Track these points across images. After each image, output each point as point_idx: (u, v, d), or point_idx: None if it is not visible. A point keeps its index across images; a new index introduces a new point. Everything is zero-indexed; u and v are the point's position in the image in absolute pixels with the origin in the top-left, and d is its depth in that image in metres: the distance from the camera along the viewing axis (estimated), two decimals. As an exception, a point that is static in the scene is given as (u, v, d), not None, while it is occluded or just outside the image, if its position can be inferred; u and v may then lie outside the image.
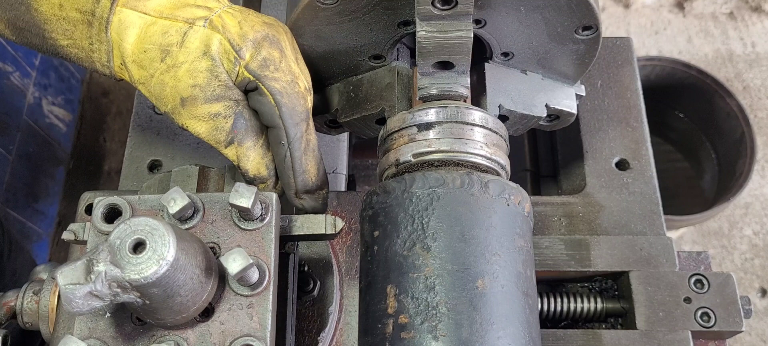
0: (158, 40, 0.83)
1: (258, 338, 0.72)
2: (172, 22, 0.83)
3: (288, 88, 0.86)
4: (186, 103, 0.84)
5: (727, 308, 1.01)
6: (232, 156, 0.88)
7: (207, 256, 0.72)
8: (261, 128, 0.88)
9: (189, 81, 0.83)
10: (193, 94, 0.84)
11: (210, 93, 0.84)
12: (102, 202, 0.76)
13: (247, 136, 0.87)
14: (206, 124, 0.85)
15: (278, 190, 0.91)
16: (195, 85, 0.83)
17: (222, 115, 0.85)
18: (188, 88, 0.83)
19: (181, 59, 0.83)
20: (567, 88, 1.04)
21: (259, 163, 0.89)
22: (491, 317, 0.77)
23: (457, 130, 0.87)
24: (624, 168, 1.17)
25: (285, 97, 0.85)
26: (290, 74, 0.86)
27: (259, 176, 0.89)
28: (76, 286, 0.63)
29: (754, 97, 2.82)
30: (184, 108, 0.85)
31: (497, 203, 0.83)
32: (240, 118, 0.86)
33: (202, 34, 0.83)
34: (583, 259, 1.05)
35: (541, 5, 0.89)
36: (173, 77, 0.84)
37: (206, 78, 0.83)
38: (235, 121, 0.86)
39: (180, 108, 0.85)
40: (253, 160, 0.88)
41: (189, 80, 0.83)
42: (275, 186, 0.91)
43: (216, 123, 0.85)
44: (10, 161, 2.05)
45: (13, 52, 2.06)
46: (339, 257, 1.01)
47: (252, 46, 0.84)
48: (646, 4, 2.96)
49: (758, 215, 2.62)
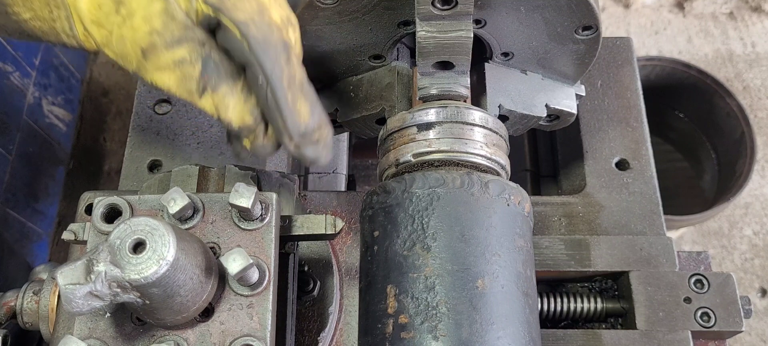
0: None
1: (258, 338, 0.72)
2: None
3: (255, 18, 0.77)
4: (147, 53, 0.77)
5: (727, 308, 1.01)
6: (209, 108, 0.80)
7: (207, 256, 0.72)
8: (237, 70, 0.79)
9: (145, 28, 0.76)
10: (152, 42, 0.76)
11: (169, 37, 0.76)
12: (102, 202, 0.76)
13: (221, 80, 0.78)
14: (173, 74, 0.78)
15: (271, 139, 0.83)
16: (152, 31, 0.76)
17: (187, 60, 0.77)
18: (146, 36, 0.76)
19: (134, 6, 0.76)
20: (567, 88, 1.04)
21: (242, 111, 0.80)
22: (491, 317, 0.77)
23: (457, 130, 0.87)
24: (624, 168, 1.17)
25: (253, 26, 0.76)
26: (256, 3, 0.78)
27: (244, 126, 0.81)
28: (76, 286, 0.63)
29: (754, 97, 2.82)
30: (147, 60, 0.78)
31: (497, 203, 0.83)
32: (208, 62, 0.78)
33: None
34: (583, 259, 1.05)
35: (541, 5, 0.89)
36: (130, 28, 0.77)
37: (162, 21, 0.76)
38: (203, 66, 0.77)
39: (143, 61, 0.78)
40: (233, 108, 0.79)
41: (145, 27, 0.76)
42: (266, 135, 0.83)
43: (183, 71, 0.77)
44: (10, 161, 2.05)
45: (13, 52, 2.06)
46: (339, 257, 1.01)
47: None
48: (646, 4, 2.96)
49: (758, 215, 2.62)
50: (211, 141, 1.18)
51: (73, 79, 2.51)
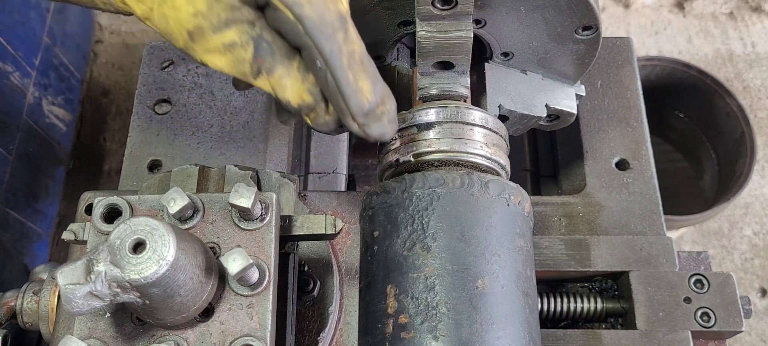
0: None
1: (258, 338, 0.72)
2: None
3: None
4: (194, 36, 0.72)
5: (727, 308, 1.01)
6: (266, 87, 0.75)
7: (207, 256, 0.72)
8: (292, 49, 0.73)
9: (189, 9, 0.70)
10: (198, 25, 0.71)
11: (215, 20, 0.70)
12: (102, 202, 0.76)
13: (276, 61, 0.72)
14: (224, 58, 0.72)
15: (333, 115, 0.78)
16: (196, 12, 0.70)
17: (238, 43, 0.71)
18: (190, 18, 0.70)
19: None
20: (567, 88, 1.04)
21: (300, 90, 0.74)
22: (491, 317, 0.77)
23: (457, 130, 0.87)
24: (624, 168, 1.17)
25: (306, 6, 0.69)
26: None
27: (303, 105, 0.75)
28: (76, 286, 0.63)
29: (754, 97, 2.82)
30: (195, 42, 0.72)
31: (497, 203, 0.83)
32: (260, 43, 0.71)
33: None
34: (583, 259, 1.05)
35: (541, 5, 0.89)
36: (172, 8, 0.71)
37: (206, 2, 0.69)
38: (255, 48, 0.71)
39: (191, 43, 0.72)
40: (291, 88, 0.74)
41: (189, 9, 0.70)
42: (328, 111, 0.77)
43: (234, 54, 0.72)
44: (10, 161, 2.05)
45: (13, 52, 2.06)
46: (339, 257, 1.01)
47: None
48: (646, 4, 2.96)
49: (758, 215, 2.62)
50: (211, 141, 1.18)
51: (73, 79, 2.51)
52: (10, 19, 2.06)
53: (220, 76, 1.24)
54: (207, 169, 0.98)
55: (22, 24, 2.13)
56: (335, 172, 1.26)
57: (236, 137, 1.18)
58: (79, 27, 2.56)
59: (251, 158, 1.16)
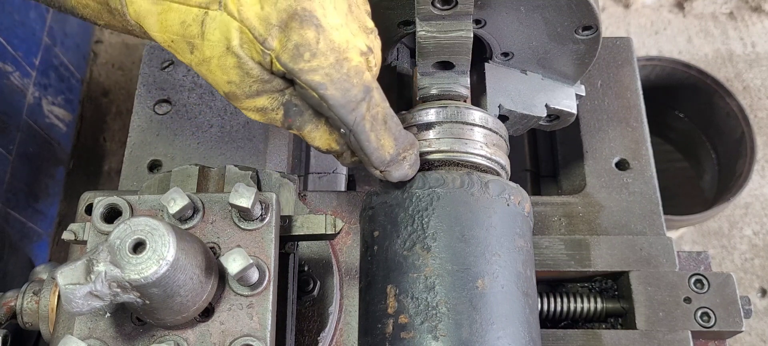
0: (179, 31, 0.74)
1: (258, 338, 0.72)
2: (187, 7, 0.72)
3: (333, 74, 0.72)
4: (230, 97, 0.77)
5: (727, 308, 1.01)
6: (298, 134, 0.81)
7: (207, 256, 0.72)
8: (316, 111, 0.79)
9: (223, 77, 0.74)
10: (232, 91, 0.75)
11: (247, 90, 0.75)
12: (102, 202, 0.76)
13: (305, 121, 0.79)
14: (258, 115, 0.78)
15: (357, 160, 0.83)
16: (230, 82, 0.74)
17: (269, 108, 0.77)
18: (225, 84, 0.75)
19: (207, 54, 0.73)
20: (567, 88, 1.04)
21: (328, 140, 0.81)
22: (491, 317, 0.77)
23: (457, 130, 0.87)
24: (624, 168, 1.17)
25: (330, 87, 0.72)
26: (333, 54, 0.72)
27: (332, 151, 0.82)
28: (76, 286, 0.63)
29: (754, 97, 2.82)
30: (231, 100, 0.77)
31: (497, 203, 0.83)
32: (290, 107, 0.77)
33: (220, 22, 0.71)
34: (583, 259, 1.05)
35: (541, 5, 0.89)
36: (208, 71, 0.75)
37: (238, 75, 0.74)
38: (285, 112, 0.77)
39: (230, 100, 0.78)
40: (320, 139, 0.81)
41: (223, 77, 0.74)
42: (353, 156, 0.83)
43: (266, 115, 0.78)
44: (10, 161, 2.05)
45: (13, 52, 2.06)
46: (339, 257, 1.01)
47: (278, 31, 0.70)
48: (646, 4, 2.96)
49: (758, 215, 2.62)
50: (211, 141, 1.18)
51: (73, 79, 2.51)
52: (10, 19, 2.06)
53: (220, 76, 1.24)
54: (207, 169, 0.98)
55: (22, 24, 2.13)
56: (335, 172, 1.26)
57: (236, 137, 1.18)
58: (79, 27, 2.56)
59: (251, 158, 1.16)
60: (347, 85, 0.73)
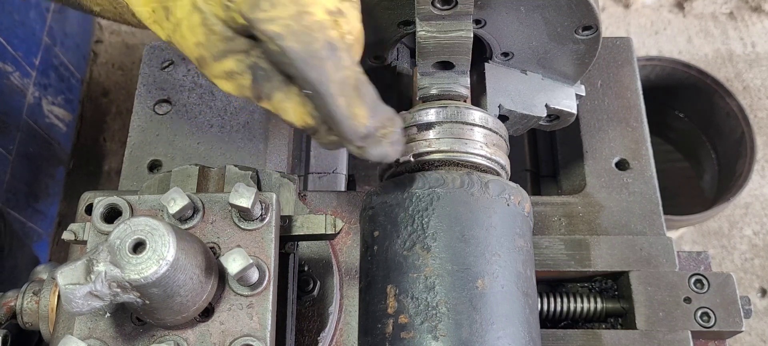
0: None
1: (258, 338, 0.72)
2: None
3: (292, 25, 0.69)
4: (201, 64, 0.75)
5: (727, 308, 1.01)
6: (271, 110, 0.77)
7: (207, 256, 0.72)
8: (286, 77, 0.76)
9: (192, 39, 0.74)
10: (201, 54, 0.74)
11: (214, 50, 0.74)
12: (102, 202, 0.76)
13: (273, 87, 0.75)
14: (229, 83, 0.76)
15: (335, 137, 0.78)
16: (198, 43, 0.74)
17: (236, 71, 0.74)
18: (194, 48, 0.74)
19: (179, 15, 0.74)
20: (567, 88, 1.04)
21: (302, 113, 0.76)
22: (491, 317, 0.77)
23: (457, 130, 0.87)
24: (624, 168, 1.17)
25: (289, 37, 0.69)
26: (294, 6, 0.69)
27: (306, 127, 0.77)
28: (76, 286, 0.63)
29: (754, 97, 2.82)
30: (203, 69, 0.76)
31: (497, 203, 0.83)
32: (257, 70, 0.74)
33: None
34: (583, 259, 1.05)
35: (541, 5, 0.89)
36: (181, 36, 0.75)
37: (204, 34, 0.73)
38: (253, 76, 0.74)
39: (201, 69, 0.77)
40: (292, 112, 0.76)
41: (192, 38, 0.74)
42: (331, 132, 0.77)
43: (236, 81, 0.75)
44: (10, 161, 2.05)
45: (13, 52, 2.06)
46: (339, 257, 1.01)
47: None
48: (646, 4, 2.96)
49: (758, 215, 2.62)
50: (211, 141, 1.18)
51: (73, 79, 2.51)
52: (10, 19, 2.06)
53: (220, 76, 1.24)
54: (207, 169, 0.98)
55: (22, 24, 2.13)
56: (335, 172, 1.26)
57: (236, 137, 1.18)
58: (79, 27, 2.56)
59: (251, 158, 1.16)
60: (307, 38, 0.69)
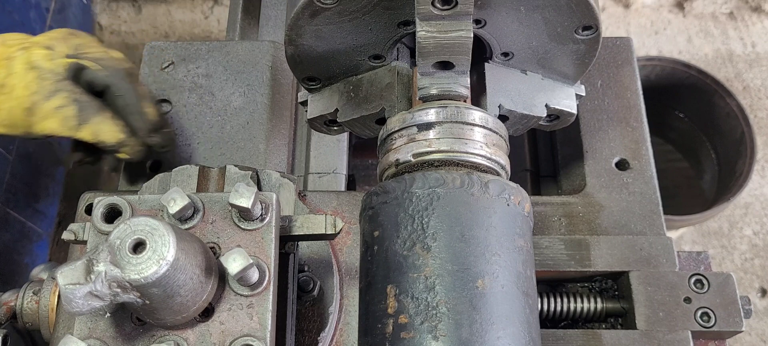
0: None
1: (258, 338, 0.72)
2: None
3: (104, 56, 1.07)
4: (32, 110, 1.00)
5: (727, 308, 1.01)
6: (90, 136, 1.03)
7: (207, 256, 0.72)
8: (101, 103, 1.04)
9: (26, 93, 1.00)
10: (33, 100, 1.00)
11: (46, 92, 1.00)
12: (102, 202, 0.76)
13: (92, 111, 1.02)
14: (55, 119, 1.01)
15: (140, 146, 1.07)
16: (31, 93, 1.00)
17: (63, 105, 1.00)
18: (28, 98, 1.00)
19: (13, 82, 1.00)
20: (567, 88, 1.04)
21: (115, 130, 1.04)
22: (491, 317, 0.77)
23: (457, 130, 0.87)
24: (624, 168, 1.17)
25: (106, 60, 1.06)
26: (101, 50, 1.08)
27: (120, 142, 1.04)
28: (76, 286, 0.63)
29: (754, 97, 2.82)
30: (32, 116, 1.00)
31: (497, 203, 0.83)
32: (80, 99, 1.02)
33: (21, 57, 1.01)
34: (583, 259, 1.05)
35: (541, 5, 0.89)
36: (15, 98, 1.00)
37: (38, 83, 1.00)
38: (77, 105, 1.01)
39: (29, 118, 1.01)
40: (108, 131, 1.03)
41: (26, 93, 1.00)
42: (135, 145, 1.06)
43: (62, 113, 1.00)
44: (10, 161, 2.05)
45: (13, 52, 2.06)
46: (339, 257, 1.01)
47: (61, 41, 1.05)
48: (646, 4, 2.96)
49: (758, 215, 2.62)
50: (211, 141, 1.18)
51: (73, 79, 2.51)
52: (10, 19, 2.06)
53: (219, 77, 1.24)
54: (207, 169, 0.98)
55: (22, 24, 2.13)
56: (335, 172, 1.26)
57: (236, 137, 1.18)
58: (79, 27, 2.56)
59: (251, 158, 1.16)
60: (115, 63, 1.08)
